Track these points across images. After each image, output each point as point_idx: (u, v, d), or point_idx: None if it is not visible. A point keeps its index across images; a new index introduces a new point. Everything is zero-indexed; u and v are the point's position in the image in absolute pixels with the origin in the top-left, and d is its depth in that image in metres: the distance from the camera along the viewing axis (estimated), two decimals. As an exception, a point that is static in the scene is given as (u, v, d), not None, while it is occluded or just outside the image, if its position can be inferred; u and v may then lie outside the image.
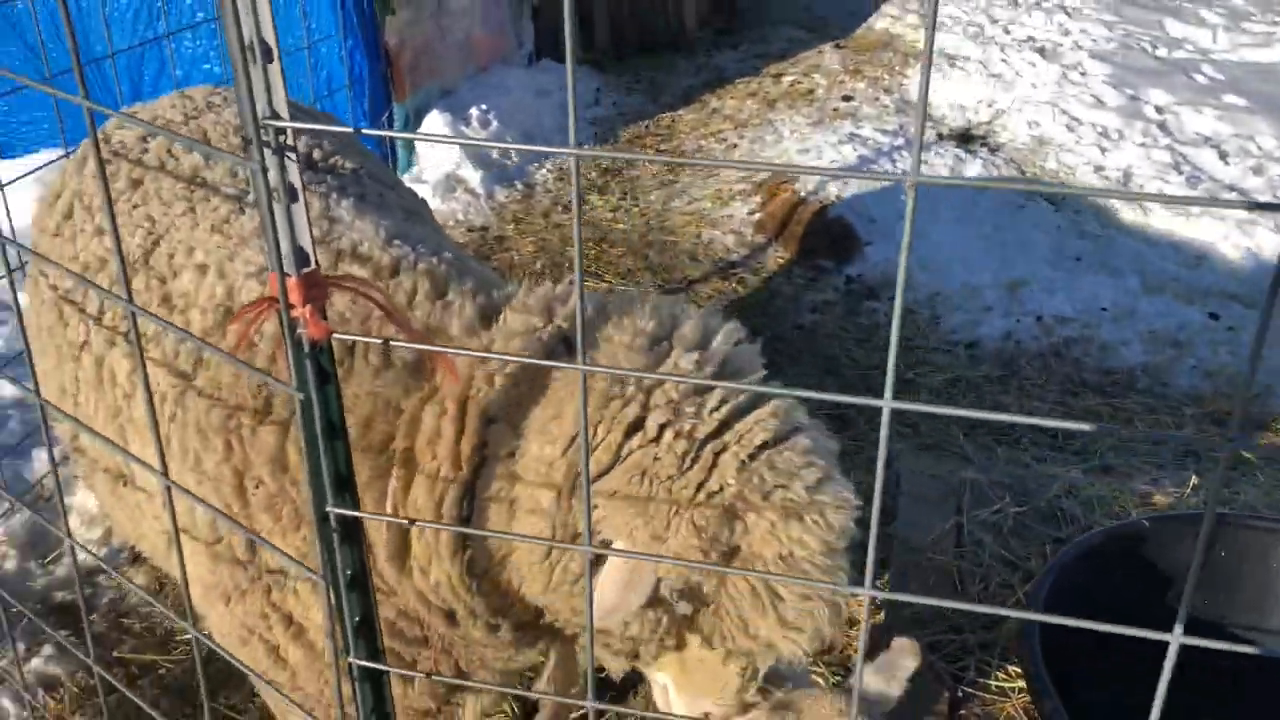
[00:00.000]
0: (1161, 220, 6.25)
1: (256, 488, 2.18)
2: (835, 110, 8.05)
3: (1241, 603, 2.91)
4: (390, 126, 6.97)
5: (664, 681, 2.15)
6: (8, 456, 4.23)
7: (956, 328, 5.38)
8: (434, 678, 2.06)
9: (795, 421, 1.99)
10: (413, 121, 7.12)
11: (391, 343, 1.52)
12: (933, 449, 4.38)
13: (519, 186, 6.99)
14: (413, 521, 1.73)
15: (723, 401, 1.93)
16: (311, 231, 1.43)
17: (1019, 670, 3.08)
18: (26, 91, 6.52)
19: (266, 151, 1.36)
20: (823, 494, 1.90)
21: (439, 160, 6.89)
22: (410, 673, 2.06)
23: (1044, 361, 5.08)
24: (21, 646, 3.46)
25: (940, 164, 6.74)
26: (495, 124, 7.27)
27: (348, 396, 2.07)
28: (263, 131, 1.35)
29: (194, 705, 3.29)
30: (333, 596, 1.67)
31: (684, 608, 1.93)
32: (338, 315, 2.22)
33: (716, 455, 1.88)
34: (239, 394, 2.21)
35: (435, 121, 7.03)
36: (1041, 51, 8.78)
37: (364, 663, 1.71)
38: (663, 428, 1.88)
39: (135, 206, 2.71)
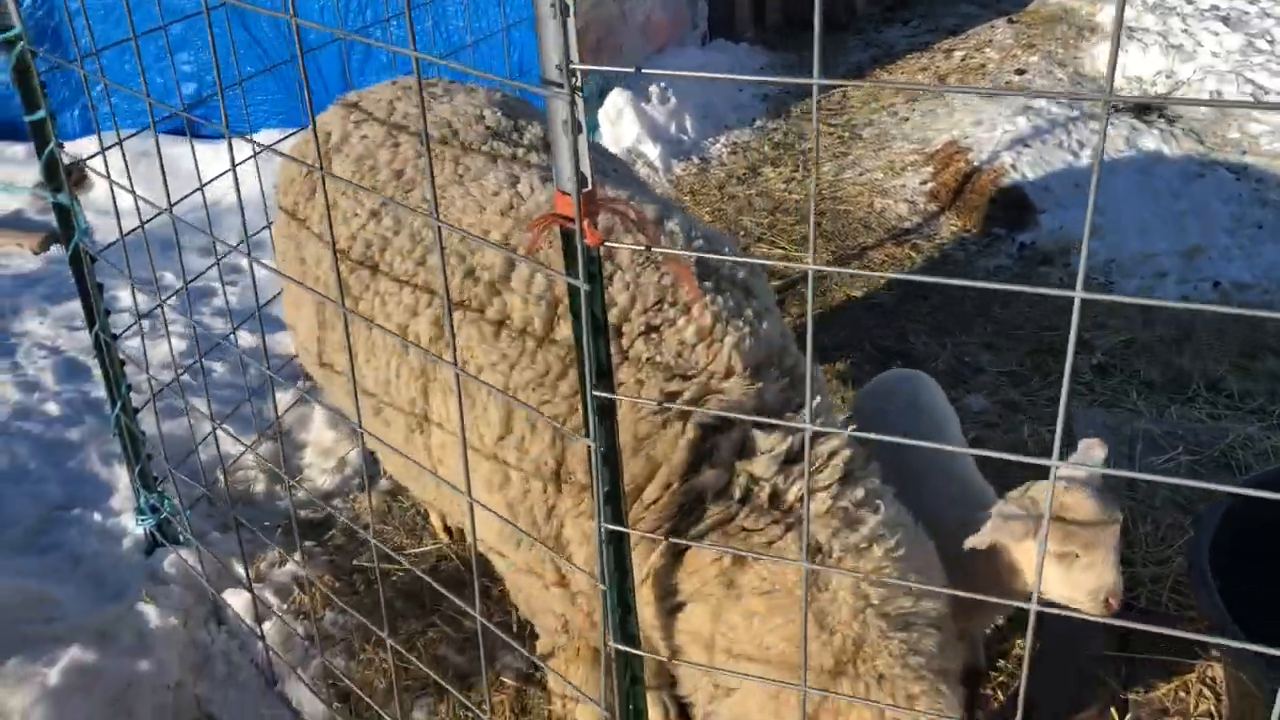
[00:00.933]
0: (1351, 188, 6.13)
1: (570, 480, 2.49)
2: (1009, 84, 8.08)
3: None
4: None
5: None
6: (254, 397, 4.78)
7: (1131, 293, 5.43)
8: (670, 539, 2.38)
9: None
10: (595, 99, 7.51)
11: (653, 250, 1.82)
12: (1107, 406, 4.50)
13: (695, 160, 7.30)
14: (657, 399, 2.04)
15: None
16: (590, 161, 1.76)
17: (1188, 602, 3.22)
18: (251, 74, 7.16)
19: (556, 94, 1.70)
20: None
21: (620, 135, 7.26)
22: (650, 535, 2.39)
23: (1220, 326, 5.10)
24: (276, 553, 3.96)
25: (1115, 134, 6.74)
26: (674, 100, 7.61)
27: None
28: (557, 75, 1.69)
29: (422, 607, 3.72)
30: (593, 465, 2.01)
31: None
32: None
33: None
34: (572, 401, 2.46)
35: (617, 99, 7.40)
36: (1226, 20, 8.58)
37: (610, 525, 2.04)
38: None
39: (407, 192, 2.98)
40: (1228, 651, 2.69)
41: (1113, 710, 2.95)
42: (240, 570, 3.72)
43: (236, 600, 3.63)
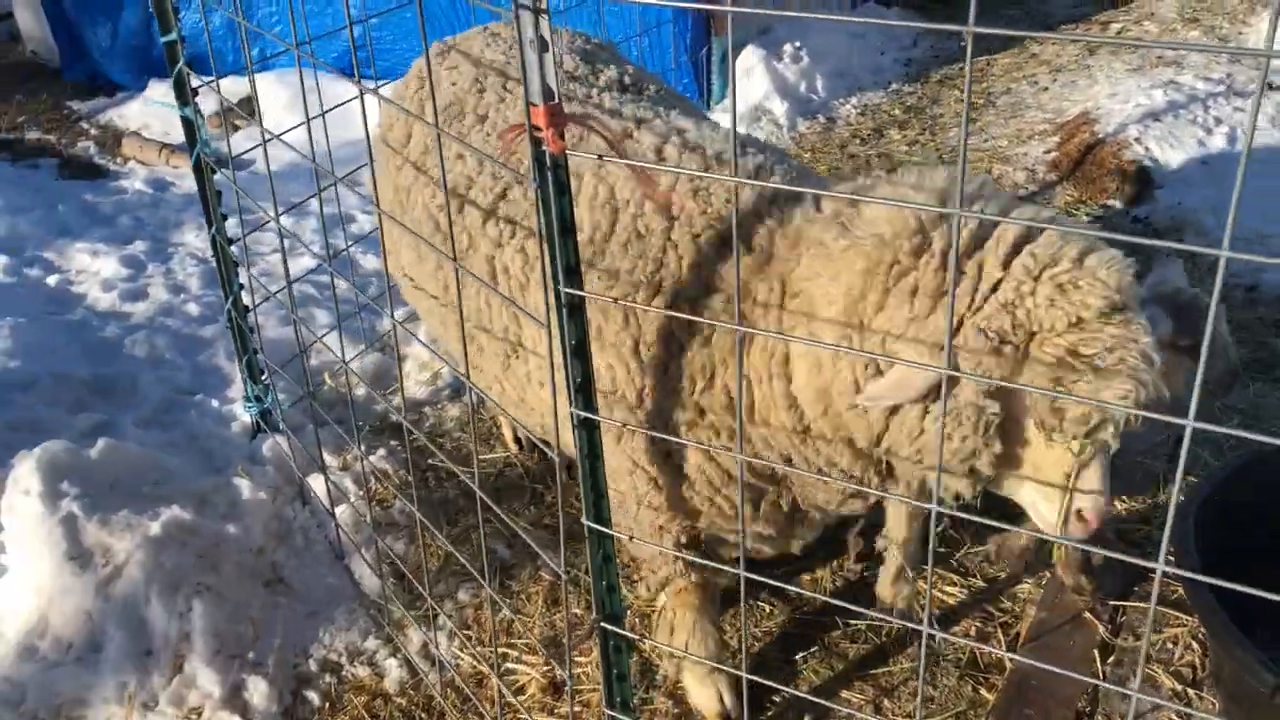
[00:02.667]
0: None
1: (648, 350, 2.65)
2: (1159, 58, 7.82)
3: None
4: (709, 61, 7.56)
5: (1030, 500, 2.37)
6: (364, 312, 5.22)
7: (1239, 272, 5.30)
8: (632, 429, 2.61)
9: (1045, 225, 2.23)
10: (730, 56, 7.66)
11: (607, 160, 2.03)
12: (1181, 379, 4.46)
13: (821, 119, 7.39)
14: (615, 302, 2.28)
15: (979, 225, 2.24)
16: (557, 75, 1.99)
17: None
18: (409, 19, 7.60)
19: (525, 13, 1.93)
20: (1090, 259, 2.14)
21: (749, 91, 7.41)
22: (613, 421, 2.63)
23: (1324, 308, 4.94)
24: (364, 448, 4.38)
25: (1263, 113, 6.49)
26: (806, 60, 7.70)
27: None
28: (523, -4, 1.92)
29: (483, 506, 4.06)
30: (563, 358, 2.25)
31: (993, 406, 2.19)
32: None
33: (980, 264, 2.21)
34: (634, 276, 2.64)
35: (750, 57, 7.55)
36: None
37: (583, 413, 2.28)
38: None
39: (488, 136, 3.18)
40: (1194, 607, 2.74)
41: (1095, 651, 3.03)
42: (320, 460, 4.14)
43: (318, 484, 4.05)
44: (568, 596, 2.65)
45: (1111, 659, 3.03)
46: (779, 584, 2.43)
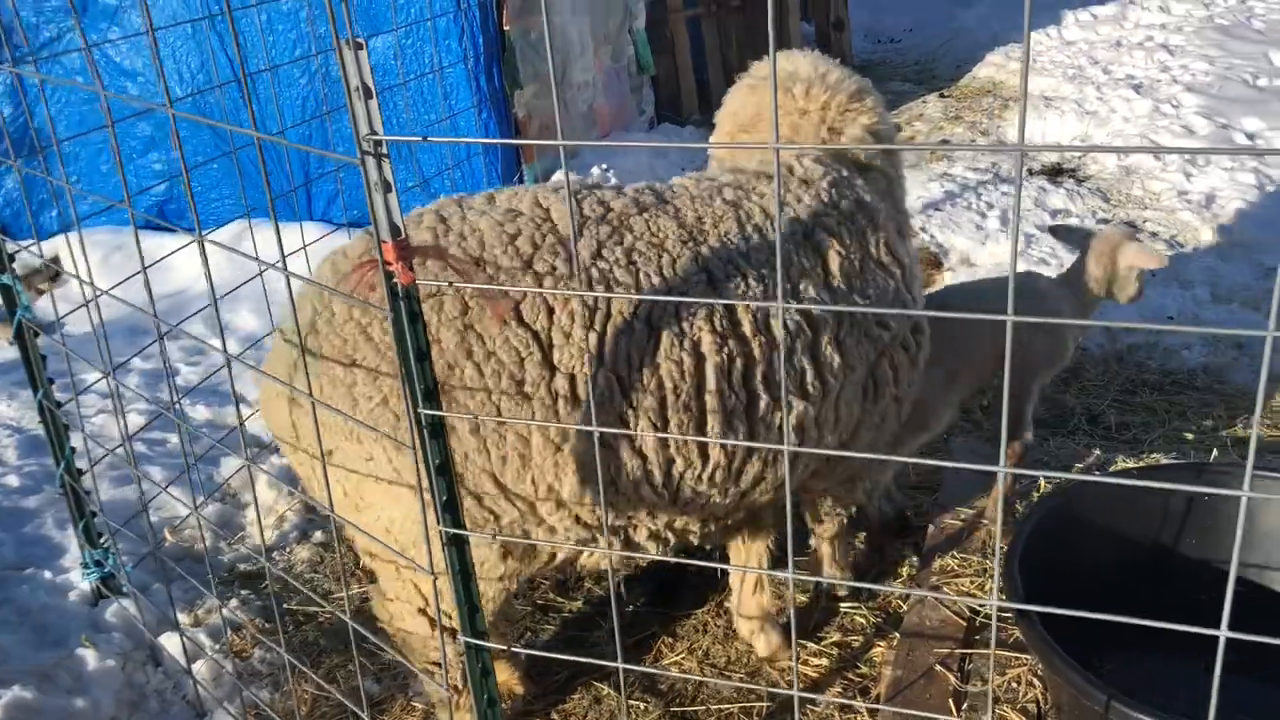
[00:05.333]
0: (1240, 236, 6.54)
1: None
2: (931, 154, 8.56)
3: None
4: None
5: None
6: (201, 463, 5.13)
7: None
8: (501, 537, 2.70)
9: None
10: (540, 181, 7.96)
11: (455, 285, 2.17)
12: (986, 439, 4.84)
13: (634, 235, 7.74)
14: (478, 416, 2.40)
15: None
16: (400, 213, 2.13)
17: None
18: (216, 171, 7.62)
19: (369, 159, 2.07)
20: None
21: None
22: (482, 534, 2.71)
23: (1106, 365, 5.46)
24: (213, 600, 4.27)
25: (1024, 194, 7.18)
26: (613, 180, 8.07)
27: None
28: (366, 144, 2.07)
29: (346, 643, 4.02)
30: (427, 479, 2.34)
31: None
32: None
33: None
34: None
35: (560, 180, 7.86)
36: (1138, 88, 9.10)
37: (450, 529, 2.37)
38: None
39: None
40: (1029, 639, 2.99)
41: (950, 701, 3.24)
42: (174, 616, 4.03)
43: (171, 643, 3.93)
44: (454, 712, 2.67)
45: (965, 705, 3.25)
46: (652, 670, 2.57)
